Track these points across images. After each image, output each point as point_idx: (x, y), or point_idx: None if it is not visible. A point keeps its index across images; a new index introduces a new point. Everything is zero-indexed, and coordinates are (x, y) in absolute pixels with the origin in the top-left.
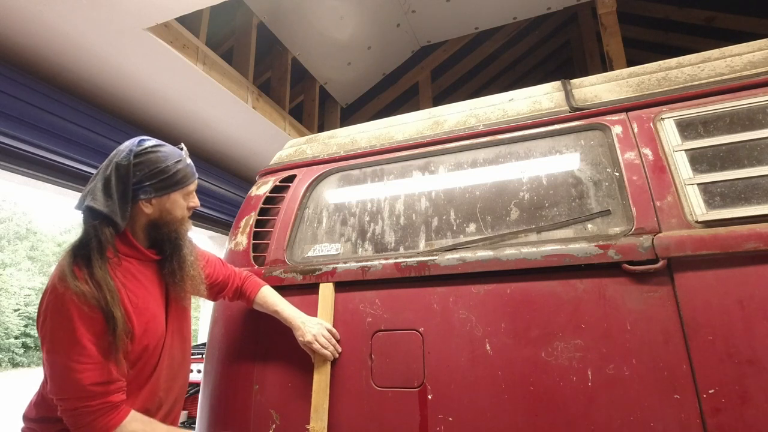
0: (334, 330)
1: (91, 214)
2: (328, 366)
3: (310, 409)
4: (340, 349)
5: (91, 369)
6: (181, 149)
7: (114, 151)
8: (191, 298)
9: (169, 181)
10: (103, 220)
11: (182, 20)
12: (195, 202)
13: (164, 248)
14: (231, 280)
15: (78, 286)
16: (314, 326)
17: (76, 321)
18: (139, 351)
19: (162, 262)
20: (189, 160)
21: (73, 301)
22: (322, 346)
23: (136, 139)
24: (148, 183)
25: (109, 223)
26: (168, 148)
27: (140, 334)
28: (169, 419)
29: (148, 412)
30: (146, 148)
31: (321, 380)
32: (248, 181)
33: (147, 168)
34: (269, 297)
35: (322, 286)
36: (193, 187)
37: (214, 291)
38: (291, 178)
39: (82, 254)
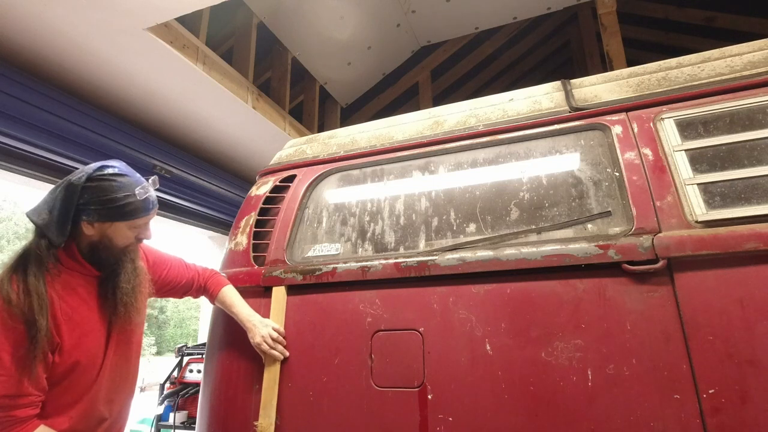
0: (282, 330)
1: (35, 228)
2: (278, 366)
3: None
4: (287, 353)
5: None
6: (148, 181)
7: (78, 171)
8: (144, 310)
9: (114, 211)
10: (40, 233)
11: (182, 20)
12: (146, 234)
13: (102, 269)
14: (194, 281)
15: (8, 293)
16: (263, 328)
17: (2, 330)
18: (70, 364)
19: (102, 280)
20: (149, 195)
21: (2, 313)
22: (271, 347)
23: (100, 164)
24: (92, 207)
25: (43, 236)
26: (126, 180)
27: (70, 348)
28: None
29: (88, 424)
30: (102, 175)
31: (270, 379)
32: (248, 181)
33: (95, 194)
34: (229, 297)
35: (274, 289)
36: (142, 221)
37: (179, 291)
38: (291, 178)
39: (20, 261)
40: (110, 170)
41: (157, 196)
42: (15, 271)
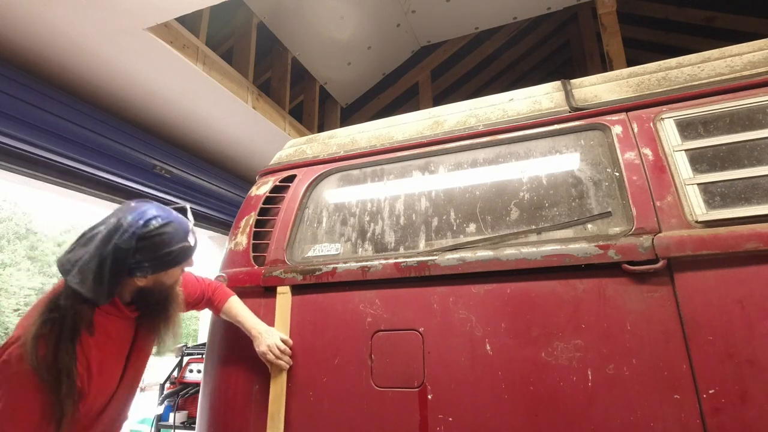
0: (288, 340)
1: (74, 293)
2: (284, 376)
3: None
4: (291, 363)
5: None
6: (185, 212)
7: (115, 224)
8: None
9: (170, 261)
10: (81, 298)
11: (182, 20)
12: (189, 264)
13: (149, 308)
14: (204, 294)
15: (34, 361)
16: (269, 337)
17: (24, 400)
18: (87, 408)
19: (142, 318)
20: (194, 236)
21: (26, 381)
22: (276, 357)
23: (141, 216)
24: (147, 264)
25: (86, 301)
26: (174, 228)
27: (93, 396)
28: None
29: None
30: (151, 231)
31: (277, 389)
32: (248, 181)
33: (149, 252)
34: (234, 307)
35: (279, 295)
36: (192, 260)
37: (190, 305)
38: (291, 178)
39: (52, 328)
40: (155, 222)
41: (158, 196)
42: (44, 338)
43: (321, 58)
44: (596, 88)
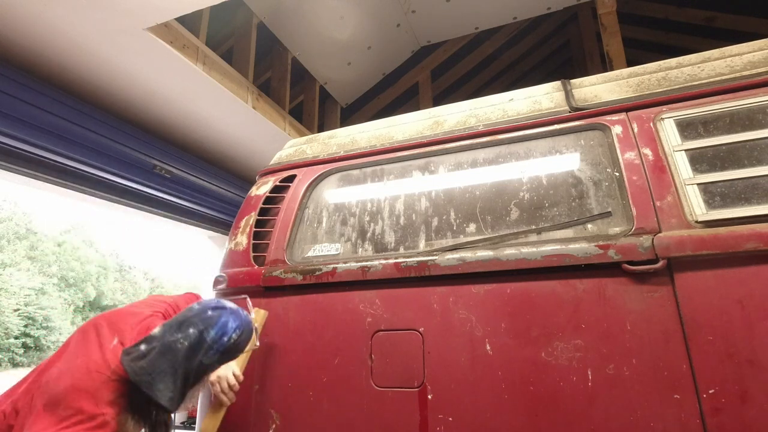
0: (240, 376)
1: (161, 406)
2: (223, 411)
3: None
4: (234, 400)
5: None
6: (249, 313)
7: (197, 339)
8: None
9: (234, 357)
10: (163, 408)
11: (182, 20)
12: None
13: None
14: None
15: None
16: (224, 368)
17: None
18: None
19: None
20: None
21: None
22: (222, 390)
23: (224, 332)
24: (218, 365)
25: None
26: (246, 333)
27: None
28: None
29: None
30: (231, 344)
31: (210, 424)
32: (248, 181)
33: (225, 359)
34: None
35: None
36: None
37: None
38: (291, 178)
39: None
40: (235, 335)
41: (158, 196)
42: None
43: (321, 58)
44: (596, 88)
